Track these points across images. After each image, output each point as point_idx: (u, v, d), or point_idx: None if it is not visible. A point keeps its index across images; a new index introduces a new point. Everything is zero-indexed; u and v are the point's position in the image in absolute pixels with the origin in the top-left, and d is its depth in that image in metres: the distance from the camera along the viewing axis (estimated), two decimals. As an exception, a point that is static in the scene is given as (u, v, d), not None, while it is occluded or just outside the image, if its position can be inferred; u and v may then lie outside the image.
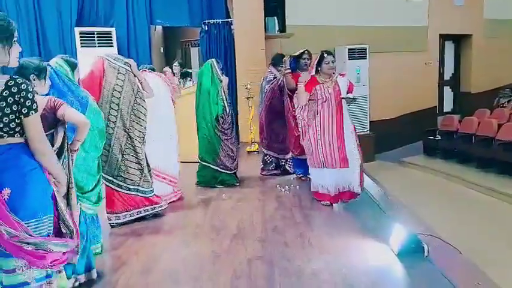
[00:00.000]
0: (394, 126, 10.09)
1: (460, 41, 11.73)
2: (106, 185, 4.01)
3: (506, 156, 7.78)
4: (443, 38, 11.34)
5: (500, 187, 7.20)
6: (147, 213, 4.24)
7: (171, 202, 4.68)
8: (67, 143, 2.41)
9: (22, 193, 1.95)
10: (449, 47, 11.81)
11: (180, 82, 7.01)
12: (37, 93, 2.26)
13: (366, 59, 9.39)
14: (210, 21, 8.13)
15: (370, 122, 9.65)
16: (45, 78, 2.67)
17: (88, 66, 4.03)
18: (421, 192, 7.39)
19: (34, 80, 2.55)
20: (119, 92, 3.95)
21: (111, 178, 4.04)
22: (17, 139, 1.96)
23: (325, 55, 4.35)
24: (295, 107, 4.69)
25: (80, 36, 6.79)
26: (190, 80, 7.22)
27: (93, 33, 6.96)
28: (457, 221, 5.81)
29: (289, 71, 5.28)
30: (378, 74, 9.51)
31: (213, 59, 5.39)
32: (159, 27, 8.95)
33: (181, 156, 5.14)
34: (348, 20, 9.38)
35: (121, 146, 4.00)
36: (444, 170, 8.72)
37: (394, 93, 9.92)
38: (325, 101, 4.32)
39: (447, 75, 11.94)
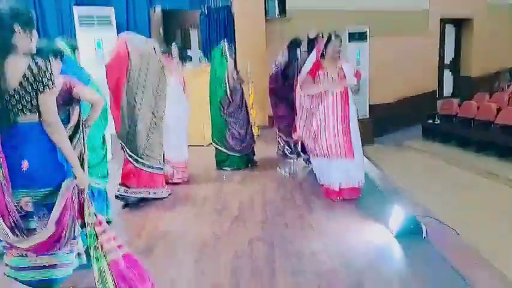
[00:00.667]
0: (394, 110, 10.07)
1: (461, 24, 11.66)
2: (130, 162, 4.14)
3: (505, 139, 7.81)
4: (444, 21, 11.27)
5: (499, 171, 7.23)
6: (151, 196, 4.29)
7: (169, 183, 4.72)
8: (81, 120, 2.52)
9: (39, 164, 2.15)
10: (450, 30, 11.75)
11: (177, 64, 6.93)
12: None
13: (366, 41, 9.34)
14: (210, 5, 8.06)
15: (370, 105, 9.63)
16: (61, 59, 2.80)
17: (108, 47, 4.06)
18: (419, 176, 7.43)
19: (51, 61, 2.60)
20: (145, 73, 4.03)
21: (136, 157, 4.14)
22: (38, 116, 2.13)
23: (333, 37, 4.13)
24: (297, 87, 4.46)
25: (79, 16, 6.73)
26: (190, 61, 7.17)
27: (92, 16, 6.90)
28: (455, 204, 5.85)
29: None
30: (378, 58, 9.46)
31: (225, 41, 5.41)
32: (158, 8, 8.85)
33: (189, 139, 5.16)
34: (348, 3, 9.30)
35: (146, 126, 4.11)
36: (443, 153, 8.74)
37: (394, 76, 9.89)
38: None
39: (447, 59, 11.90)
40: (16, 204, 2.13)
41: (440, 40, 11.38)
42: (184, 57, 7.04)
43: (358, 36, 9.20)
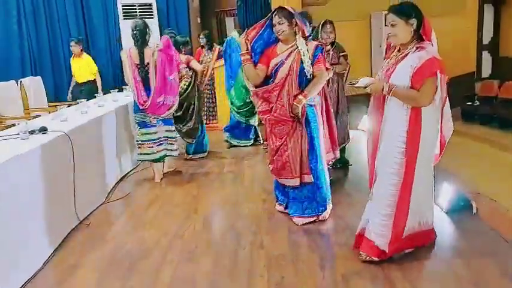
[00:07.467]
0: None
1: (499, 3, 11.33)
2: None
3: (548, 120, 7.64)
4: (482, 0, 10.98)
5: (542, 151, 7.09)
6: None
7: None
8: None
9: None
10: (489, 10, 11.43)
11: (205, 55, 6.94)
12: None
13: (403, 24, 9.19)
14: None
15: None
16: (186, 46, 5.18)
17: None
18: (460, 157, 7.34)
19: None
20: None
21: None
22: None
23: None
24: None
25: (123, 8, 6.96)
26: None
27: (135, 5, 7.12)
28: (498, 184, 5.80)
29: None
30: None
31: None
32: (195, -2, 9.02)
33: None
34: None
35: None
36: (484, 135, 8.60)
37: (431, 58, 9.71)
38: None
39: (486, 40, 11.60)
40: None
41: (479, 20, 11.09)
42: (210, 47, 7.14)
43: (394, 18, 9.06)
